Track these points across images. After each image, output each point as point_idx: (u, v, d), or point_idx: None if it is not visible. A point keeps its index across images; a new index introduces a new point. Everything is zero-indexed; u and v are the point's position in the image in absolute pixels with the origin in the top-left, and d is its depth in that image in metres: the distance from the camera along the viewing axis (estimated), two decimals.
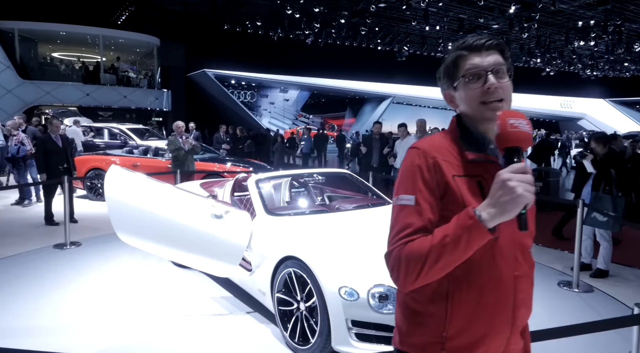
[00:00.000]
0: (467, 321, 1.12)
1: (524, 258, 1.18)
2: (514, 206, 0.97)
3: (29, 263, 5.03)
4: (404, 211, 1.12)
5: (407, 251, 1.07)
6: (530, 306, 1.24)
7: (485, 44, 1.17)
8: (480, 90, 1.14)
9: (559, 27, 19.77)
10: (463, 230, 1.01)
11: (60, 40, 22.24)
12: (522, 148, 1.03)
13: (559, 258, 5.53)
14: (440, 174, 1.12)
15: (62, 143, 6.90)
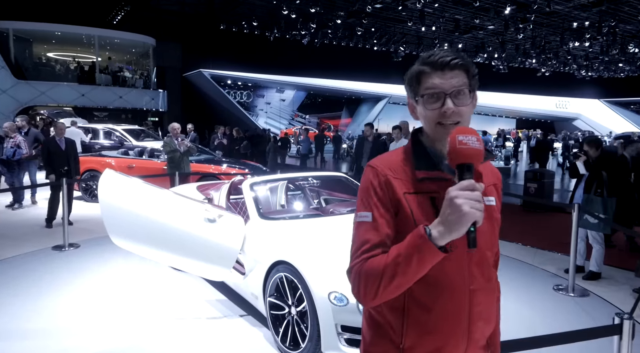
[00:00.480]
0: (422, 334, 1.14)
1: (481, 272, 1.17)
2: (461, 225, 0.96)
3: (27, 264, 5.04)
4: (362, 227, 1.14)
5: (365, 269, 1.08)
6: (492, 320, 1.23)
7: (451, 62, 1.14)
8: (438, 111, 1.14)
9: (554, 28, 19.86)
10: (414, 248, 1.01)
11: (55, 40, 22.15)
12: (474, 165, 1.03)
13: (552, 260, 5.57)
14: (391, 192, 1.14)
15: (65, 146, 6.92)
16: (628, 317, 1.88)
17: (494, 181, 1.27)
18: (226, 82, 29.57)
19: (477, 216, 0.96)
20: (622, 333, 1.86)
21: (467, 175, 1.01)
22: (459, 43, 22.97)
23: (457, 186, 0.99)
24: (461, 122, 1.14)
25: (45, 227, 6.82)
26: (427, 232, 1.00)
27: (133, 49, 24.59)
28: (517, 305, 4.08)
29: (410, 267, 1.02)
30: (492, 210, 1.20)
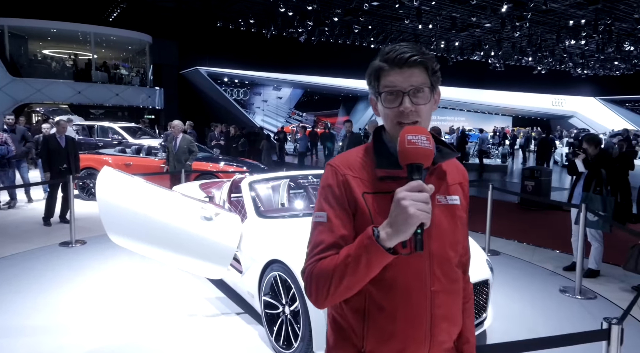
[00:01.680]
0: (382, 337, 1.12)
1: (442, 273, 1.14)
2: (407, 226, 0.94)
3: (36, 260, 5.14)
4: (318, 228, 1.12)
5: (317, 270, 1.07)
6: (456, 321, 1.20)
7: (409, 60, 1.10)
8: (396, 110, 1.11)
9: (550, 26, 19.91)
10: (362, 249, 1.00)
11: (51, 38, 22.01)
12: (423, 165, 1.01)
13: (550, 257, 5.60)
14: (349, 192, 1.11)
15: (65, 143, 6.89)
16: (617, 322, 1.82)
17: (459, 179, 1.24)
18: (223, 79, 29.48)
19: (422, 218, 0.94)
20: (610, 339, 1.81)
21: (416, 175, 0.99)
22: (456, 41, 22.98)
23: (404, 187, 0.97)
24: (420, 121, 1.12)
25: (43, 225, 6.81)
26: (375, 233, 0.99)
27: (129, 46, 24.47)
28: (521, 305, 4.08)
29: (359, 268, 1.00)
30: (456, 209, 1.18)
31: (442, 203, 1.16)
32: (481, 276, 3.08)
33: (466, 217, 1.25)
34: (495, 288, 4.33)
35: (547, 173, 9.11)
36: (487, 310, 3.13)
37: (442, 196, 1.17)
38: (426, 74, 1.13)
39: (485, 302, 3.11)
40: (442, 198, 1.17)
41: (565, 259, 5.42)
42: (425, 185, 0.97)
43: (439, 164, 1.19)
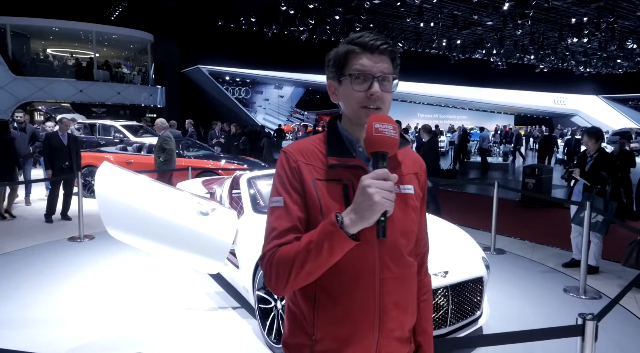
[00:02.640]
0: (331, 324, 1.12)
1: (393, 260, 1.14)
2: (372, 213, 0.96)
3: (44, 254, 5.27)
4: (275, 213, 1.13)
5: (277, 256, 1.07)
6: (409, 310, 1.20)
7: (380, 46, 1.13)
8: (363, 94, 1.12)
9: (553, 24, 19.85)
10: (325, 235, 1.00)
11: (53, 36, 22.08)
12: (389, 153, 1.03)
13: (551, 255, 5.59)
14: (301, 178, 1.13)
15: (67, 141, 6.92)
16: (592, 318, 1.79)
17: (415, 169, 1.25)
18: (224, 78, 29.51)
19: (387, 206, 0.96)
20: (584, 335, 1.78)
21: (382, 164, 1.01)
22: (458, 39, 22.94)
23: (371, 175, 0.98)
24: (382, 109, 1.13)
25: (45, 222, 6.84)
26: (338, 219, 0.99)
27: (131, 45, 24.52)
28: (522, 304, 4.03)
29: (322, 254, 1.01)
30: (409, 198, 1.19)
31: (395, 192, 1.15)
32: (475, 273, 3.07)
33: (421, 207, 1.26)
34: (499, 287, 4.34)
35: (548, 170, 9.10)
36: (481, 308, 3.12)
37: (396, 186, 1.15)
38: (392, 64, 1.16)
39: (480, 300, 3.10)
40: (395, 187, 1.14)
41: (565, 256, 5.42)
42: (390, 174, 0.99)
43: (394, 154, 1.21)
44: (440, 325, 2.82)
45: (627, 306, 4.03)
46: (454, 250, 3.28)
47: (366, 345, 1.13)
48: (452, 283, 2.88)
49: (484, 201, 9.64)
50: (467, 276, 3.00)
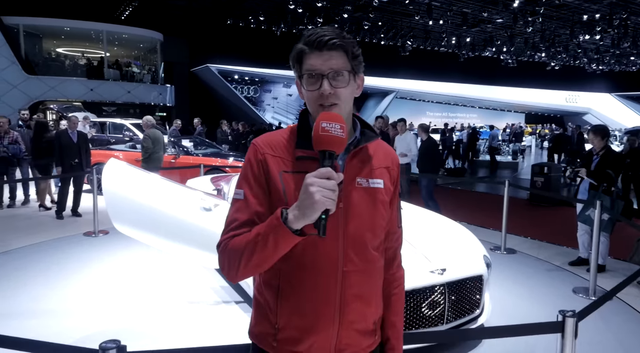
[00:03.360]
0: (293, 314, 1.14)
1: (356, 253, 1.15)
2: (312, 211, 0.97)
3: (59, 247, 5.46)
4: (235, 205, 1.16)
5: (230, 246, 1.10)
6: (373, 303, 1.21)
7: (329, 42, 1.12)
8: (317, 93, 1.13)
9: (564, 21, 19.61)
10: (270, 229, 1.03)
11: (64, 36, 22.35)
12: (336, 152, 1.03)
13: (559, 253, 5.55)
14: (267, 170, 1.14)
15: (77, 138, 7.02)
16: (572, 315, 1.76)
17: (387, 164, 1.25)
18: (233, 77, 29.61)
19: (327, 205, 0.96)
20: (564, 332, 1.75)
21: (327, 162, 1.02)
22: (467, 37, 22.78)
23: (314, 173, 0.99)
24: (339, 105, 1.13)
25: (55, 218, 6.95)
26: (283, 215, 1.02)
27: (141, 44, 24.73)
28: (530, 305, 3.98)
29: (267, 247, 1.03)
30: (378, 192, 1.19)
31: (362, 186, 1.17)
32: (475, 271, 3.05)
33: (393, 201, 1.26)
34: (507, 286, 4.30)
35: (557, 169, 9.01)
36: (481, 306, 3.09)
37: (364, 179, 1.18)
38: (346, 58, 1.14)
39: (479, 298, 3.06)
40: (363, 181, 1.18)
41: (571, 254, 5.37)
42: (334, 173, 0.99)
43: (365, 148, 1.21)
44: (437, 323, 2.82)
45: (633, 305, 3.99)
46: (454, 248, 3.26)
47: (326, 335, 1.14)
48: (450, 280, 2.87)
49: (493, 199, 9.58)
50: (466, 274, 2.98)
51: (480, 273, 3.07)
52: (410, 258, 2.97)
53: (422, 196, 6.94)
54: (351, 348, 1.18)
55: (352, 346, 1.18)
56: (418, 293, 2.76)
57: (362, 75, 1.22)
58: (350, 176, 1.16)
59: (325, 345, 1.14)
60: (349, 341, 1.17)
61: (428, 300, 2.77)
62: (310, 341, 1.14)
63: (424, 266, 2.90)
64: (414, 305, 2.74)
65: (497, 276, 4.51)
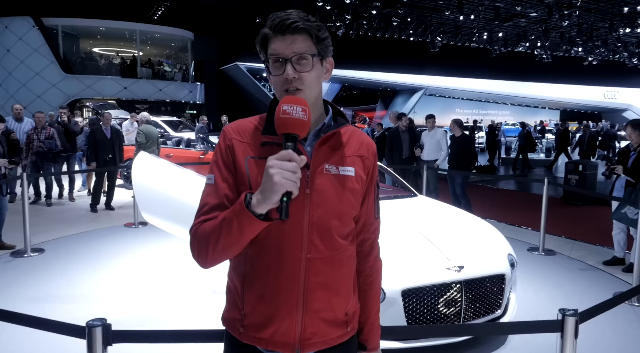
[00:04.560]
0: (257, 300, 1.14)
1: (322, 240, 1.13)
2: (272, 193, 0.96)
3: (105, 236, 5.82)
4: (206, 190, 1.16)
5: (200, 231, 1.10)
6: (341, 292, 1.18)
7: (291, 25, 1.09)
8: (281, 78, 1.11)
9: (603, 13, 18.83)
10: (234, 214, 1.02)
11: (100, 36, 23.13)
12: (299, 135, 1.02)
13: (592, 252, 5.35)
14: (233, 156, 1.14)
15: (110, 134, 7.26)
16: (573, 314, 1.69)
17: (361, 152, 1.22)
18: (262, 75, 29.85)
19: (288, 187, 0.95)
20: (563, 331, 1.68)
21: (289, 145, 1.01)
22: (499, 32, 22.20)
23: (275, 156, 0.98)
24: (304, 90, 1.11)
25: (90, 212, 7.20)
26: (246, 199, 1.01)
27: (172, 43, 25.29)
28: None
29: (232, 232, 1.03)
30: (347, 180, 1.16)
31: (330, 173, 1.15)
32: (495, 270, 2.95)
33: (369, 191, 1.24)
34: (544, 290, 4.13)
35: (592, 166, 8.67)
36: (502, 306, 2.97)
37: (333, 166, 1.16)
38: (311, 41, 1.12)
39: (501, 298, 2.95)
40: (332, 167, 1.16)
41: (605, 253, 5.15)
42: (295, 155, 0.98)
43: (337, 135, 1.19)
44: (454, 321, 2.75)
45: None
46: (475, 245, 3.16)
47: (290, 322, 1.13)
48: (467, 278, 2.78)
49: (526, 198, 9.33)
50: (485, 273, 2.88)
51: (502, 272, 2.97)
52: (427, 254, 2.92)
53: (457, 193, 6.76)
54: (317, 337, 1.15)
55: (319, 335, 1.16)
56: (433, 289, 2.70)
57: (331, 59, 1.20)
58: (318, 162, 1.14)
59: (289, 333, 1.13)
60: (315, 330, 1.15)
61: (444, 298, 2.70)
62: (273, 328, 1.13)
63: (441, 263, 2.83)
64: (429, 302, 2.69)
65: (533, 278, 4.38)
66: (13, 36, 19.46)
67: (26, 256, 4.91)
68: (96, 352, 1.49)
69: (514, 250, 3.36)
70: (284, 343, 1.13)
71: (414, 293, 2.67)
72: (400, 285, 2.66)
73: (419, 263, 2.85)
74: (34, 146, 7.14)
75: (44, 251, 5.08)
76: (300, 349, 1.14)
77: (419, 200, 4.21)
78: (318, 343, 1.16)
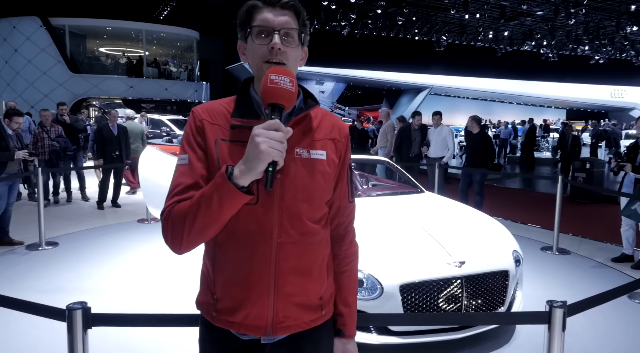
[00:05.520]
0: (228, 284, 1.13)
1: (292, 225, 1.12)
2: (258, 162, 0.95)
3: (118, 231, 5.89)
4: (179, 170, 1.13)
5: (174, 212, 1.06)
6: (314, 276, 1.17)
7: (281, 1, 1.11)
8: (265, 48, 1.10)
9: (610, 11, 18.70)
10: (215, 187, 1.00)
11: (107, 36, 23.25)
12: (285, 106, 1.01)
13: (601, 249, 5.32)
14: (203, 137, 1.12)
15: (117, 132, 7.30)
16: (560, 305, 1.66)
17: (333, 136, 1.21)
18: None
19: (274, 156, 0.95)
20: (551, 323, 1.65)
21: (275, 115, 0.99)
22: (505, 31, 22.09)
23: (261, 125, 0.97)
24: (286, 65, 1.11)
25: (97, 209, 7.24)
26: (228, 171, 0.99)
27: (178, 42, 25.38)
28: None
29: (211, 207, 1.00)
30: (318, 164, 1.15)
31: (301, 157, 1.14)
32: (498, 266, 2.90)
33: (342, 174, 1.22)
34: (558, 290, 4.04)
35: (600, 164, 8.62)
36: (506, 304, 2.91)
37: (304, 150, 1.14)
38: (297, 22, 1.14)
39: (504, 295, 2.89)
40: (303, 151, 1.14)
41: (613, 250, 5.12)
42: (282, 125, 0.98)
43: (307, 118, 1.18)
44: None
45: None
46: (478, 241, 3.11)
47: (261, 306, 1.12)
48: (468, 274, 2.74)
49: (533, 196, 9.29)
50: (487, 269, 2.84)
51: (506, 268, 2.92)
52: (428, 250, 2.89)
53: (475, 189, 6.67)
54: (290, 321, 1.15)
55: (291, 319, 1.15)
56: (432, 284, 2.67)
57: (306, 48, 1.21)
58: (289, 145, 1.10)
59: (261, 317, 1.12)
60: (287, 314, 1.14)
61: (444, 293, 2.67)
62: (245, 312, 1.12)
63: (442, 258, 2.80)
64: (428, 297, 2.66)
65: (545, 277, 4.32)
66: (21, 36, 19.61)
67: (40, 249, 5.00)
68: (76, 334, 1.48)
69: (527, 248, 3.28)
70: (256, 327, 1.13)
71: (412, 288, 2.64)
72: (399, 279, 2.64)
73: (419, 258, 2.83)
74: (46, 144, 6.93)
75: (58, 245, 5.17)
76: (272, 332, 1.13)
77: (425, 196, 4.20)
78: (291, 326, 1.15)
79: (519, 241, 3.41)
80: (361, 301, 2.57)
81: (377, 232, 3.10)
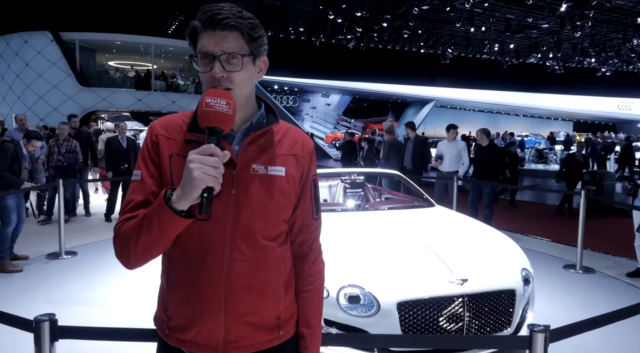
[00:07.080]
0: (180, 301, 1.11)
1: (246, 242, 1.09)
2: (191, 188, 0.93)
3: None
4: (132, 186, 1.12)
5: (122, 229, 1.06)
6: (269, 295, 1.13)
7: (222, 21, 1.04)
8: (209, 75, 1.07)
9: (616, 24, 18.74)
10: (154, 210, 0.99)
11: (116, 50, 23.59)
12: (223, 130, 0.99)
13: (615, 264, 5.23)
14: (157, 152, 1.11)
15: (126, 144, 7.34)
16: (542, 329, 1.57)
17: (295, 151, 1.17)
18: (273, 87, 30.17)
19: (207, 182, 0.93)
20: (531, 349, 1.58)
21: (212, 139, 0.98)
22: (511, 43, 22.18)
23: (196, 150, 0.95)
24: (234, 89, 1.07)
25: (104, 221, 7.24)
26: (166, 195, 0.98)
27: (185, 56, 25.65)
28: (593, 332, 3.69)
29: (152, 230, 1.00)
30: (276, 180, 1.12)
31: (258, 173, 1.11)
32: (504, 284, 2.76)
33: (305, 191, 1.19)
34: (577, 311, 3.85)
35: (610, 177, 8.54)
36: (513, 325, 2.76)
37: (262, 166, 1.11)
38: (242, 39, 1.08)
39: (510, 315, 2.75)
40: (260, 167, 1.11)
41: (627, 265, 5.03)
42: (217, 149, 0.95)
43: (268, 134, 1.15)
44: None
45: None
46: (485, 259, 2.99)
47: (212, 325, 1.09)
48: (471, 292, 2.62)
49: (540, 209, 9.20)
50: (492, 287, 2.70)
51: (512, 287, 2.77)
52: (429, 266, 2.80)
53: (484, 202, 6.57)
54: (244, 341, 1.11)
55: (245, 339, 1.11)
56: (432, 302, 2.57)
57: (265, 58, 1.17)
58: (245, 161, 1.10)
59: (212, 335, 1.09)
60: (240, 333, 1.10)
61: (444, 312, 2.57)
62: (195, 330, 1.10)
63: (443, 276, 2.69)
64: (427, 316, 2.57)
65: (568, 297, 4.18)
66: (32, 50, 19.94)
67: (61, 258, 5.11)
68: (43, 346, 1.48)
69: (549, 266, 3.07)
70: (207, 346, 1.10)
71: (411, 306, 2.55)
72: (396, 297, 2.56)
73: (418, 275, 2.73)
74: (54, 159, 6.85)
75: (76, 254, 5.29)
76: (224, 352, 1.10)
77: (435, 211, 4.14)
78: (245, 346, 1.11)
79: (538, 258, 3.23)
80: (358, 319, 2.53)
81: (378, 247, 3.05)
